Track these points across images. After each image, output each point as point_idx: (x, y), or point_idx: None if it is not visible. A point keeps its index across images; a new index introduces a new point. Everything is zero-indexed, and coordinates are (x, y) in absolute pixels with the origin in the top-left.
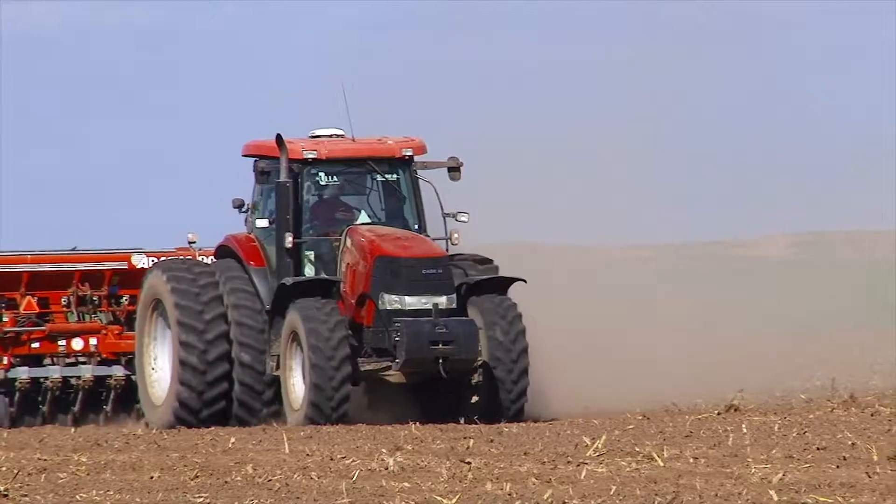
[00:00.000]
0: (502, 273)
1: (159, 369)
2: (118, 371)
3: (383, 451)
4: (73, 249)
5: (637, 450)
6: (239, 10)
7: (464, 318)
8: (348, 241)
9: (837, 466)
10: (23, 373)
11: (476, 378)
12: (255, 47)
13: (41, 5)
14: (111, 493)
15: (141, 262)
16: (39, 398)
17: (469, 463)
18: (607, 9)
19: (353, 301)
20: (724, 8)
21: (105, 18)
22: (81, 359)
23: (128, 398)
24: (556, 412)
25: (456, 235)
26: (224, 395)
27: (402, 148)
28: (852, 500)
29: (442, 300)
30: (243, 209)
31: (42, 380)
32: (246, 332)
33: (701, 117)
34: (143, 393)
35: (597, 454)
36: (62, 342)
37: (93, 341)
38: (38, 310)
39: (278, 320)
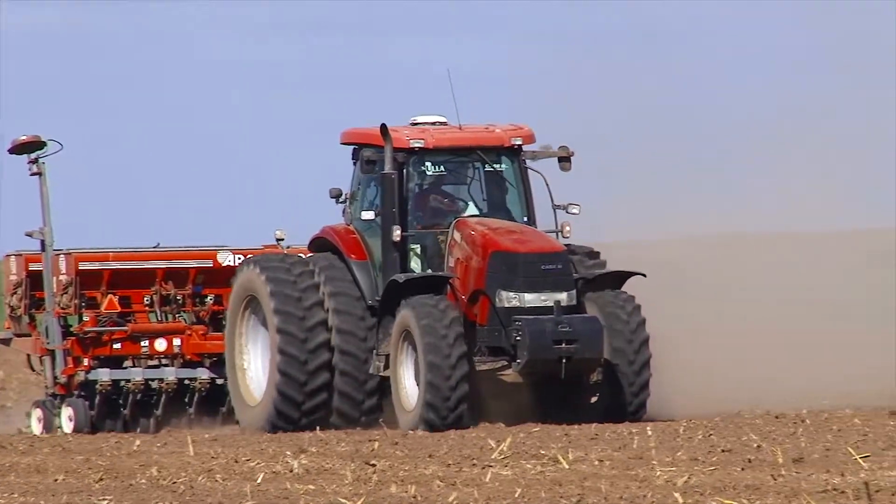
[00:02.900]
0: (611, 268)
1: (252, 368)
2: (203, 373)
3: (288, 453)
4: (155, 246)
5: (542, 452)
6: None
7: (587, 315)
8: (457, 235)
9: (742, 469)
10: (104, 375)
11: (595, 376)
12: (330, 37)
13: None
14: (15, 495)
15: (227, 259)
16: (121, 401)
17: (374, 465)
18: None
19: (464, 297)
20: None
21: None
22: (163, 361)
23: (212, 401)
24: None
25: (567, 228)
26: (326, 387)
27: (511, 136)
28: (757, 503)
29: (563, 297)
30: (341, 199)
31: (123, 382)
32: (345, 318)
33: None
34: (235, 393)
35: (502, 457)
36: (145, 343)
37: (176, 342)
38: (119, 309)
39: (387, 319)
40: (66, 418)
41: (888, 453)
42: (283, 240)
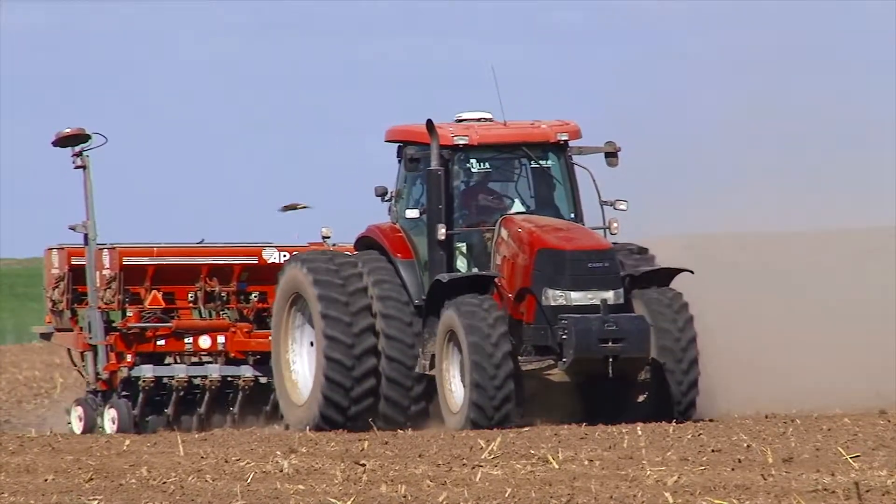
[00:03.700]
0: (660, 264)
1: (298, 367)
2: (247, 371)
3: (278, 453)
4: (200, 242)
5: (532, 452)
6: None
7: (633, 314)
8: (503, 232)
9: (732, 469)
10: (147, 371)
11: (643, 375)
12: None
13: None
14: (5, 495)
15: (272, 256)
16: (163, 399)
17: (364, 465)
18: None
19: (510, 296)
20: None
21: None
22: (206, 358)
23: (256, 400)
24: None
25: (615, 225)
26: (372, 392)
27: (557, 132)
28: (747, 503)
29: (609, 295)
30: (386, 198)
31: (166, 379)
32: (393, 323)
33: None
34: (281, 393)
35: (492, 456)
36: (188, 340)
37: (221, 339)
38: (163, 305)
39: (432, 318)
40: (108, 420)
41: (878, 453)
42: (329, 237)
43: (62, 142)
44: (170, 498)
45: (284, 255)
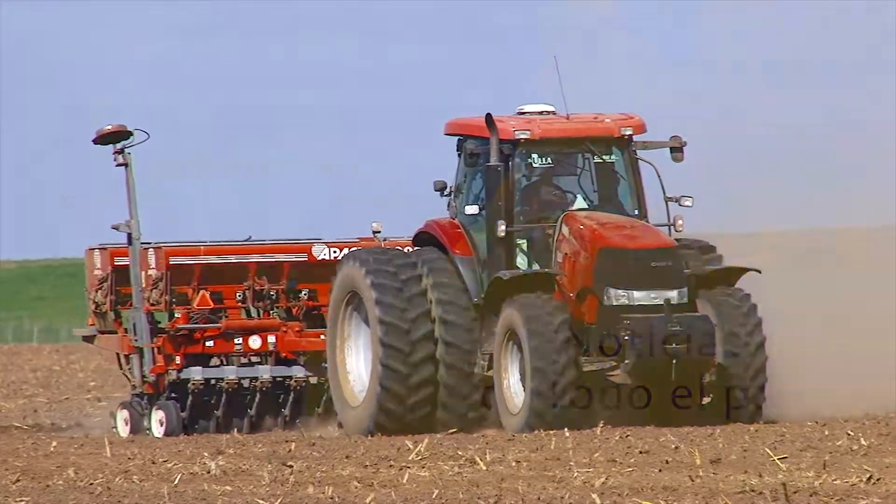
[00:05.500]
0: (726, 263)
1: (353, 366)
2: (298, 372)
3: (205, 454)
4: (247, 240)
5: (459, 453)
6: None
7: (698, 314)
8: (565, 229)
9: (660, 470)
10: (196, 373)
11: (709, 377)
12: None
13: None
14: None
15: (322, 253)
16: (213, 401)
17: (291, 466)
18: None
19: (572, 295)
20: None
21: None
22: (255, 359)
23: (308, 401)
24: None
25: (680, 222)
26: (429, 400)
27: (621, 127)
28: None
29: (673, 295)
30: (445, 192)
31: (215, 381)
32: (452, 329)
33: None
34: (336, 392)
35: (419, 458)
36: (238, 340)
37: (271, 339)
38: (212, 305)
39: (490, 317)
40: (156, 422)
41: (805, 454)
42: (379, 232)
43: (103, 139)
44: (97, 499)
45: (335, 252)
